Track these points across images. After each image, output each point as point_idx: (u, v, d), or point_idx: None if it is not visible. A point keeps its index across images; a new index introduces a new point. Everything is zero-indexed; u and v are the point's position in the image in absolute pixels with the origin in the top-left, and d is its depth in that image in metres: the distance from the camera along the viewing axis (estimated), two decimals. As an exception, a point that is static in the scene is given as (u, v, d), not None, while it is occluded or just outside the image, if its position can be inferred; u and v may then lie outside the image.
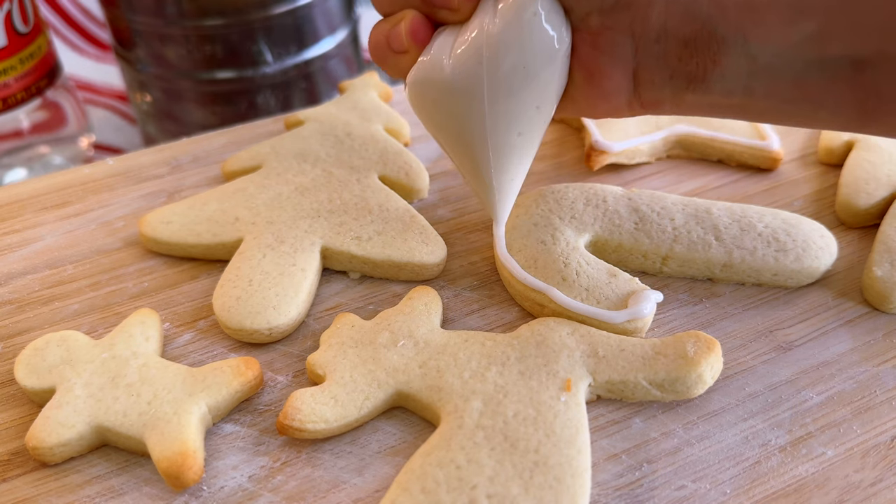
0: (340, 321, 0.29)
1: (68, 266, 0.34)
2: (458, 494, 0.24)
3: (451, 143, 0.30)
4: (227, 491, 0.26)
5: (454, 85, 0.27)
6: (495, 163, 0.29)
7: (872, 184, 0.35)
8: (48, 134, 0.51)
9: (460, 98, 0.28)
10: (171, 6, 0.46)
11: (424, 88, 0.28)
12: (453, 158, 0.31)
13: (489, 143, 0.28)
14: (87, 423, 0.26)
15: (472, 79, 0.27)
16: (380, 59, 0.30)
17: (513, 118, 0.28)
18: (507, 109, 0.28)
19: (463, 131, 0.29)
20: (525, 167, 0.30)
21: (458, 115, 0.28)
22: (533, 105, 0.28)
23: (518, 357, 0.27)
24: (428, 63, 0.28)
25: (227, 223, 0.34)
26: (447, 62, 0.27)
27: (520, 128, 0.28)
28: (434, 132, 0.30)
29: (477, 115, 0.28)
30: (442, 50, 0.28)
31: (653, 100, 0.29)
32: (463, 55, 0.27)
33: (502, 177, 0.30)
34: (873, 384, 0.28)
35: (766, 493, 0.25)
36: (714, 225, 0.32)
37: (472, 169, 0.30)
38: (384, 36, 0.29)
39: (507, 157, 0.29)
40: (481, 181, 0.30)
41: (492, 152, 0.29)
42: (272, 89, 0.51)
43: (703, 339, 0.28)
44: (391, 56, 0.29)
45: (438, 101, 0.28)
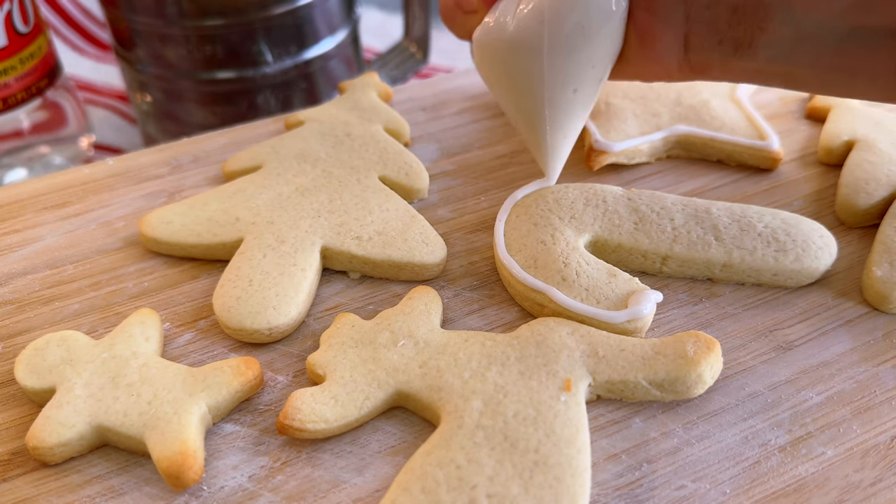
0: (340, 321, 0.29)
1: (68, 266, 0.34)
2: (458, 494, 0.24)
3: (510, 100, 0.32)
4: (228, 491, 0.26)
5: (516, 43, 0.29)
6: (550, 119, 0.31)
7: (872, 184, 0.35)
8: (48, 134, 0.51)
9: (521, 55, 0.29)
10: (171, 6, 0.46)
11: (489, 47, 0.31)
12: (512, 116, 0.33)
13: (546, 98, 0.30)
14: (88, 423, 0.26)
15: (533, 37, 0.29)
16: (449, 19, 0.33)
17: (570, 75, 0.30)
18: (565, 66, 0.29)
19: (522, 88, 0.30)
20: (579, 125, 0.32)
21: (518, 72, 0.30)
22: (589, 64, 0.30)
23: (518, 357, 0.27)
24: (493, 23, 0.30)
25: (228, 223, 0.34)
26: (511, 21, 0.29)
27: (575, 84, 0.30)
28: (495, 90, 0.32)
29: (536, 72, 0.30)
30: (507, 10, 0.30)
31: (701, 64, 0.30)
32: (526, 15, 0.29)
33: (556, 133, 0.32)
34: (873, 384, 0.28)
35: (766, 492, 0.25)
36: (714, 225, 0.32)
37: (529, 125, 0.32)
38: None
39: (563, 113, 0.31)
40: (536, 137, 0.32)
41: (548, 108, 0.30)
42: (272, 89, 0.51)
43: (702, 339, 0.28)
44: (460, 16, 0.32)
45: (501, 59, 0.30)
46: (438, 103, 0.44)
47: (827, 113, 0.41)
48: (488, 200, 0.37)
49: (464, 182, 0.38)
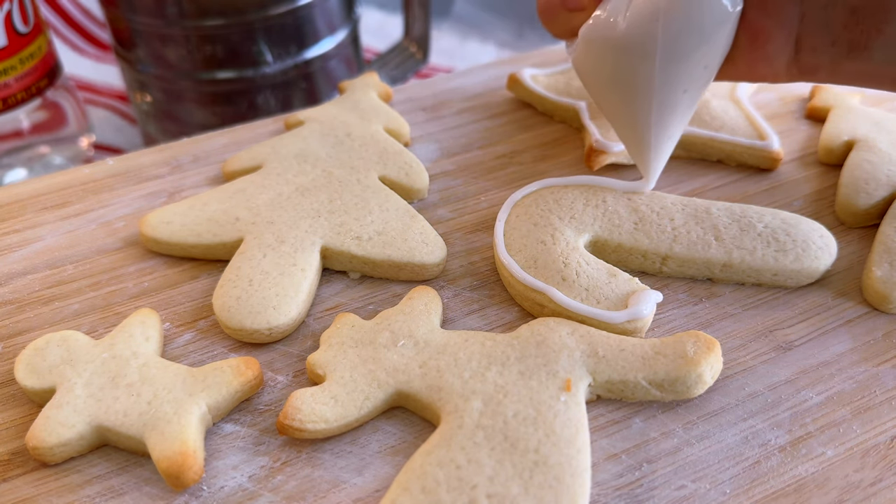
0: (340, 321, 0.29)
1: (68, 266, 0.34)
2: (458, 494, 0.24)
3: (614, 99, 0.31)
4: (227, 491, 0.26)
5: (628, 42, 0.29)
6: (657, 120, 0.30)
7: (872, 184, 0.35)
8: (48, 134, 0.51)
9: (632, 55, 0.29)
10: (171, 6, 0.46)
11: (597, 44, 0.30)
12: (611, 116, 0.32)
13: (655, 100, 0.30)
14: (88, 423, 0.26)
15: (646, 37, 0.28)
16: (550, 17, 0.32)
17: (681, 76, 0.29)
18: (678, 68, 0.29)
19: (630, 88, 0.30)
20: (683, 126, 0.32)
21: (627, 72, 0.30)
22: (701, 65, 0.29)
23: (518, 357, 0.27)
24: (603, 21, 0.30)
25: (228, 223, 0.34)
26: (622, 20, 0.29)
27: (686, 85, 0.30)
28: (596, 88, 0.32)
29: (647, 73, 0.29)
30: (617, 9, 0.29)
31: (811, 66, 0.30)
32: (639, 14, 0.28)
33: (661, 134, 0.31)
34: (873, 384, 0.28)
35: (766, 492, 0.25)
36: (714, 225, 0.32)
37: (632, 126, 0.31)
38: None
39: (670, 114, 0.30)
40: (639, 139, 0.31)
41: (655, 110, 0.30)
42: (272, 89, 0.51)
43: (702, 339, 0.28)
44: (563, 14, 0.31)
45: (610, 58, 0.30)
46: (438, 103, 0.44)
47: (827, 113, 0.41)
48: (488, 200, 0.37)
49: (464, 182, 0.38)
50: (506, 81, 0.44)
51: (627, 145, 0.33)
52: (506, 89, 0.44)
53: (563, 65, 0.44)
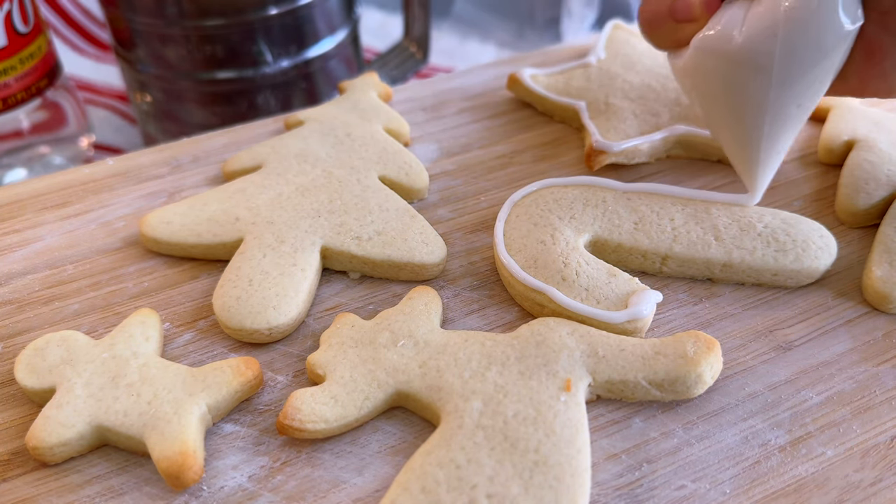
0: (340, 321, 0.29)
1: (68, 266, 0.34)
2: (458, 494, 0.24)
3: (723, 112, 0.31)
4: (227, 491, 0.26)
5: (743, 57, 0.29)
6: (768, 134, 0.30)
7: (872, 184, 0.35)
8: (48, 134, 0.51)
9: (747, 70, 0.29)
10: (171, 6, 0.46)
11: (711, 58, 0.30)
12: (718, 128, 0.32)
13: (767, 115, 0.30)
14: (88, 422, 0.26)
15: (763, 52, 0.28)
16: (654, 27, 0.32)
17: (796, 92, 0.29)
18: (793, 84, 0.29)
19: (742, 102, 0.30)
20: (793, 138, 0.31)
21: (740, 87, 0.29)
22: (817, 81, 0.29)
23: (518, 357, 0.27)
24: (718, 34, 0.29)
25: (228, 223, 0.34)
26: (738, 34, 0.29)
27: (800, 101, 0.30)
28: (704, 100, 0.31)
29: (761, 88, 0.29)
30: (733, 22, 0.29)
31: None
32: (757, 28, 0.28)
33: (771, 149, 0.31)
34: (873, 384, 0.28)
35: (766, 492, 0.25)
36: (713, 225, 0.32)
37: (741, 140, 0.31)
38: (666, 5, 0.31)
39: (782, 129, 0.30)
40: (747, 152, 0.31)
41: (768, 124, 0.30)
42: (272, 89, 0.51)
43: (702, 339, 0.28)
44: (670, 25, 0.31)
45: (722, 72, 0.30)
46: (438, 103, 0.44)
47: (827, 113, 0.41)
48: (488, 200, 0.37)
49: (464, 182, 0.38)
50: (506, 81, 0.44)
51: (733, 158, 0.33)
52: (506, 89, 0.44)
53: (563, 65, 0.44)
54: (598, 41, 0.45)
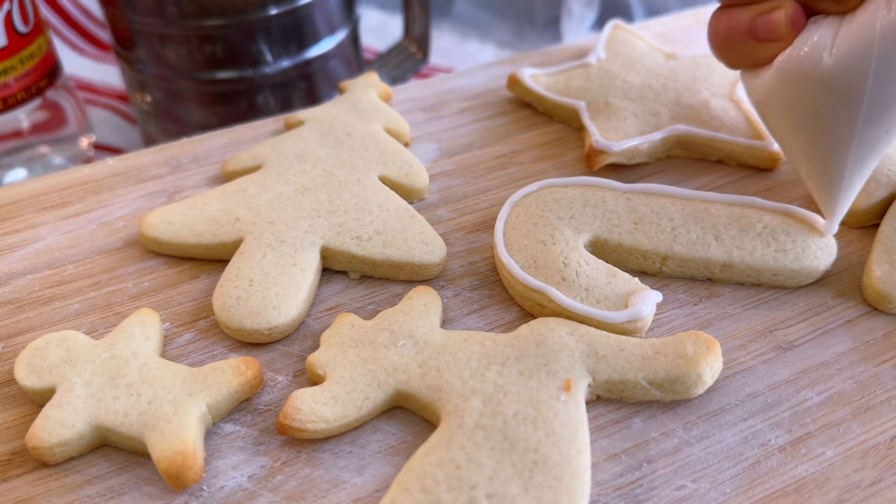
0: (340, 321, 0.29)
1: (68, 266, 0.34)
2: (458, 494, 0.24)
3: (805, 136, 0.29)
4: (227, 491, 0.26)
5: (834, 81, 0.27)
6: (854, 160, 0.29)
7: (872, 184, 0.35)
8: (48, 134, 0.51)
9: (837, 95, 0.27)
10: (171, 6, 0.46)
11: (795, 81, 0.28)
12: (798, 154, 0.30)
13: (854, 140, 0.28)
14: (87, 422, 0.26)
15: (856, 77, 0.27)
16: (731, 45, 0.30)
17: (887, 117, 0.28)
18: (886, 108, 0.27)
19: (828, 126, 0.28)
20: (876, 164, 0.30)
21: (827, 112, 0.28)
22: None
23: (518, 357, 0.27)
24: (806, 55, 0.28)
25: (228, 223, 0.34)
26: (827, 56, 0.27)
27: (889, 126, 0.28)
28: (785, 124, 0.30)
29: (851, 114, 0.27)
30: (822, 43, 0.27)
31: None
32: (849, 50, 0.27)
33: (855, 175, 0.30)
34: (873, 384, 0.28)
35: (766, 492, 0.25)
36: (713, 225, 0.32)
37: (822, 164, 0.30)
38: (745, 23, 0.29)
39: (869, 154, 0.29)
40: (829, 178, 0.30)
41: (853, 149, 0.28)
42: (272, 89, 0.51)
43: (702, 339, 0.28)
44: (748, 44, 0.29)
45: (808, 96, 0.28)
46: (438, 103, 0.44)
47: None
48: (488, 200, 0.37)
49: (464, 182, 0.38)
50: (506, 81, 0.44)
51: (811, 183, 0.31)
52: (506, 89, 0.44)
53: (563, 65, 0.44)
54: (598, 41, 0.45)
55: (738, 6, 0.29)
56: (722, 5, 0.30)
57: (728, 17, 0.30)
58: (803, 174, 0.31)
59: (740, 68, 0.31)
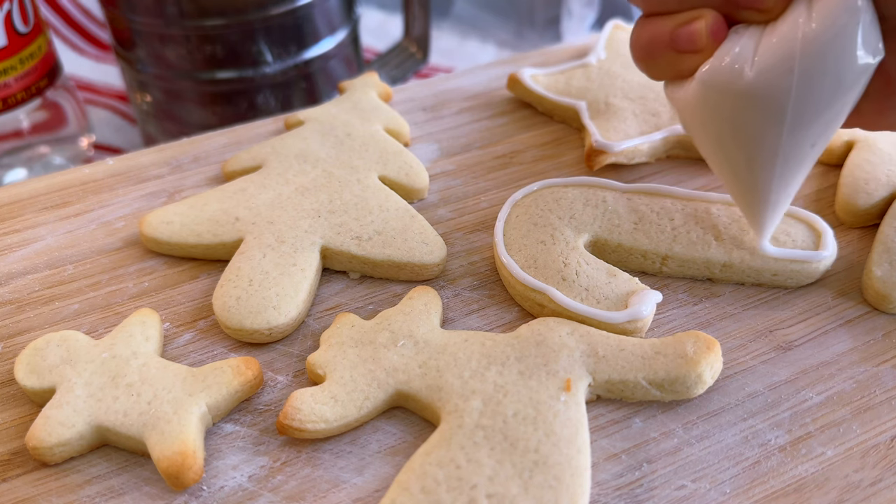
0: (340, 321, 0.29)
1: (68, 266, 0.34)
2: (458, 494, 0.24)
3: (730, 152, 0.28)
4: (227, 491, 0.26)
5: (756, 93, 0.26)
6: (780, 175, 0.28)
7: (872, 184, 0.35)
8: (48, 134, 0.51)
9: (759, 107, 0.26)
10: (171, 6, 0.46)
11: (717, 94, 0.27)
12: (724, 168, 0.29)
13: (779, 155, 0.27)
14: (87, 422, 0.26)
15: (777, 89, 0.26)
16: (651, 57, 0.28)
17: (811, 130, 0.27)
18: (809, 121, 0.26)
19: (752, 142, 0.27)
20: (803, 179, 0.29)
21: (750, 125, 0.27)
22: (834, 117, 0.27)
23: (518, 357, 0.27)
24: (726, 67, 0.26)
25: (228, 223, 0.34)
26: (749, 69, 0.26)
27: (815, 139, 0.27)
28: (708, 138, 0.29)
29: (774, 127, 0.26)
30: (743, 54, 0.26)
31: None
32: (770, 62, 0.25)
33: (782, 190, 0.29)
34: (873, 384, 0.28)
35: (766, 492, 0.25)
36: (713, 225, 0.32)
37: (748, 180, 0.29)
38: (666, 33, 0.27)
39: (795, 168, 0.28)
40: (755, 193, 0.29)
41: (780, 164, 0.27)
42: (272, 89, 0.51)
43: (702, 339, 0.28)
44: (669, 55, 0.28)
45: (730, 109, 0.27)
46: (438, 103, 0.44)
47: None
48: (488, 200, 0.37)
49: (464, 182, 0.38)
50: (506, 81, 0.44)
51: (738, 199, 0.30)
52: (506, 89, 0.44)
53: (563, 65, 0.44)
54: (598, 41, 0.45)
55: (659, 16, 0.28)
56: (644, 15, 0.29)
57: (650, 28, 0.28)
58: (730, 190, 0.30)
59: (663, 80, 0.30)
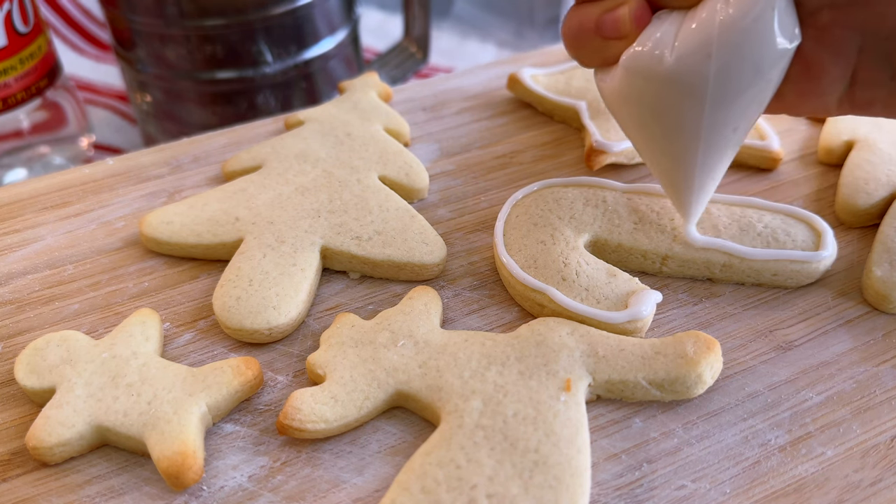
0: (340, 321, 0.29)
1: (68, 266, 0.34)
2: (458, 494, 0.24)
3: (653, 137, 0.29)
4: (227, 491, 0.26)
5: (676, 78, 0.26)
6: (703, 160, 0.28)
7: (872, 184, 0.35)
8: (48, 134, 0.51)
9: (680, 92, 0.27)
10: (171, 6, 0.46)
11: (640, 79, 0.27)
12: (648, 153, 0.30)
13: (702, 139, 0.27)
14: (88, 422, 0.26)
15: (697, 73, 0.26)
16: (579, 43, 0.29)
17: (732, 116, 0.27)
18: (729, 106, 0.27)
19: (675, 126, 0.28)
20: (728, 164, 0.29)
21: (672, 110, 0.27)
22: (754, 102, 0.27)
23: (518, 357, 0.27)
24: (647, 53, 0.27)
25: (228, 223, 0.34)
26: (669, 54, 0.26)
27: (736, 124, 0.27)
28: (633, 124, 0.29)
29: (695, 111, 0.27)
30: (664, 40, 0.26)
31: (866, 100, 0.28)
32: (689, 47, 0.26)
33: (706, 175, 0.29)
34: (873, 384, 0.28)
35: (766, 492, 0.25)
36: (713, 225, 0.32)
37: (673, 165, 0.29)
38: (592, 20, 0.28)
39: (717, 153, 0.28)
40: (680, 178, 0.29)
41: (702, 149, 0.28)
42: (272, 89, 0.51)
43: (702, 339, 0.28)
44: (596, 42, 0.28)
45: (652, 94, 0.27)
46: (438, 103, 0.44)
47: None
48: (488, 200, 0.37)
49: (464, 182, 0.38)
50: (506, 81, 0.44)
51: (665, 184, 0.31)
52: (506, 89, 0.44)
53: (563, 65, 0.44)
54: (598, 41, 0.45)
55: (588, 3, 0.29)
56: (575, 3, 0.29)
57: (578, 15, 0.29)
58: (657, 176, 0.31)
59: (593, 67, 0.30)
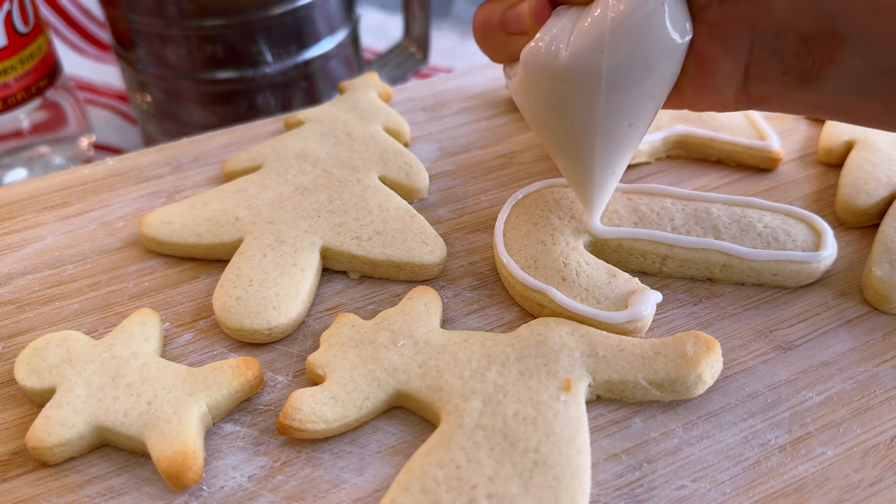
0: (340, 321, 0.29)
1: (68, 266, 0.34)
2: (458, 494, 0.24)
3: (555, 132, 0.29)
4: (227, 491, 0.26)
5: (570, 74, 0.27)
6: (601, 154, 0.29)
7: (872, 184, 0.35)
8: (48, 134, 0.51)
9: (574, 87, 0.27)
10: (171, 6, 0.46)
11: (537, 74, 0.28)
12: (553, 149, 0.30)
13: (599, 134, 0.28)
14: (87, 422, 0.26)
15: (590, 68, 0.26)
16: (486, 39, 0.29)
17: (627, 109, 0.27)
18: (623, 101, 0.27)
19: (572, 121, 0.28)
20: (628, 160, 0.30)
21: (569, 104, 0.27)
22: (648, 97, 0.27)
23: (518, 357, 0.27)
24: (543, 48, 0.27)
25: (228, 223, 0.34)
26: (564, 48, 0.26)
27: (632, 119, 0.28)
28: (536, 119, 0.30)
29: (590, 106, 0.27)
30: (560, 36, 0.27)
31: (761, 95, 0.28)
32: (582, 43, 0.26)
33: (605, 170, 0.29)
34: (873, 384, 0.28)
35: (766, 492, 0.25)
36: (714, 225, 0.32)
37: (574, 160, 0.29)
38: (497, 16, 0.29)
39: (615, 148, 0.29)
40: (582, 173, 0.30)
41: (599, 144, 0.28)
42: (272, 89, 0.51)
43: (702, 339, 0.28)
44: (501, 37, 0.29)
45: (549, 89, 0.28)
46: (438, 103, 0.44)
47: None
48: (488, 200, 0.37)
49: (464, 182, 0.38)
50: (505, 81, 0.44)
51: (568, 178, 0.31)
52: (506, 89, 0.44)
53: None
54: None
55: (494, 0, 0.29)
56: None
57: (486, 10, 0.29)
58: (561, 170, 0.31)
59: (500, 62, 0.31)
